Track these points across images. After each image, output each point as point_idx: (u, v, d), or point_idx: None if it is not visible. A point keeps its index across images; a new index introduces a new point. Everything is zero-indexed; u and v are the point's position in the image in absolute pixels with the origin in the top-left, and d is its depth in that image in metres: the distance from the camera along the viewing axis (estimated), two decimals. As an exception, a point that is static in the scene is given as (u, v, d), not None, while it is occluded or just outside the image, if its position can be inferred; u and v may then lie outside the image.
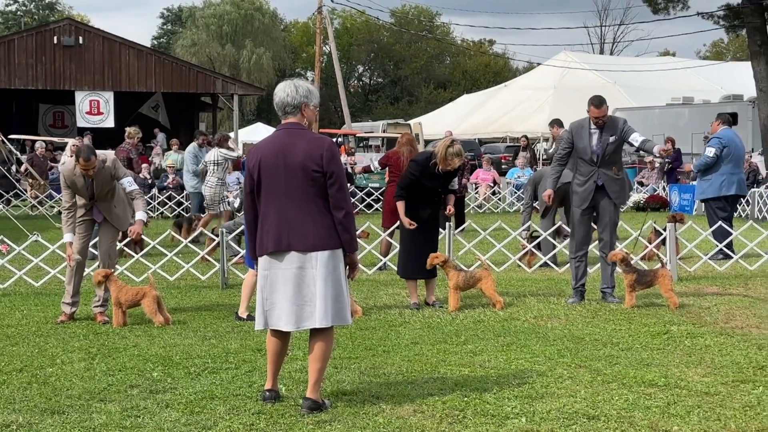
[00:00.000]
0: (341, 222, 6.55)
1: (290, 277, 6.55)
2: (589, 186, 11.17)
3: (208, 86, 40.63)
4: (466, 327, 9.75)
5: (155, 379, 7.58)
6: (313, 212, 6.54)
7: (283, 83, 6.75)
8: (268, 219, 6.62)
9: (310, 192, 6.53)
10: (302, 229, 6.53)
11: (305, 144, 6.56)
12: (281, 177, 6.55)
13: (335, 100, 72.76)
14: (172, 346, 8.90)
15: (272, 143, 6.69)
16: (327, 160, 6.51)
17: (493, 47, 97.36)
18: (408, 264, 11.17)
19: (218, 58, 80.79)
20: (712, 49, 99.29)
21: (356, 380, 7.43)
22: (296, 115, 6.65)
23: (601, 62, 63.47)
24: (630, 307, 10.69)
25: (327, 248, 6.53)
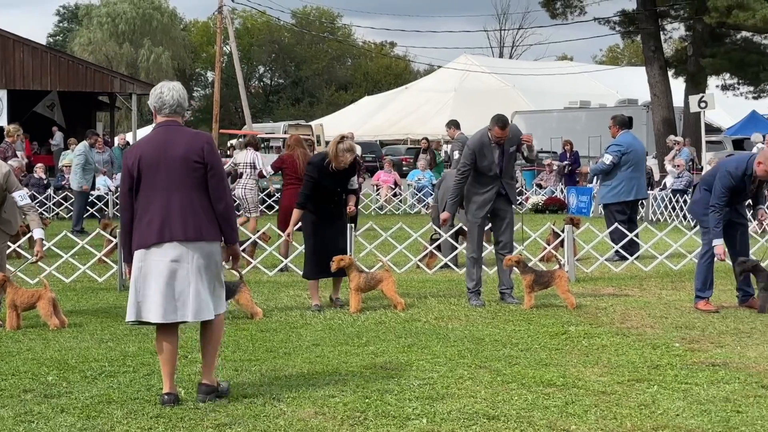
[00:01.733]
0: (221, 213, 6.78)
1: (164, 270, 6.67)
2: (490, 195, 11.31)
3: (105, 85, 39.96)
4: (367, 328, 9.75)
5: (50, 383, 7.40)
6: (193, 204, 6.72)
7: (169, 84, 7.01)
8: (149, 211, 6.72)
9: (191, 184, 6.72)
10: (183, 220, 6.68)
11: (186, 138, 6.80)
12: (163, 170, 6.70)
13: (236, 100, 72.27)
14: (67, 349, 8.72)
15: (153, 139, 6.86)
16: (207, 153, 6.75)
17: (395, 49, 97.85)
18: (313, 265, 11.13)
19: (116, 57, 79.60)
20: (608, 54, 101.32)
21: (257, 382, 7.36)
22: (177, 116, 6.92)
23: (501, 66, 64.36)
24: (529, 308, 10.82)
25: (206, 239, 6.72)
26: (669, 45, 41.80)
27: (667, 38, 39.41)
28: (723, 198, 10.43)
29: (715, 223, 10.44)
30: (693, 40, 35.46)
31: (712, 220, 10.44)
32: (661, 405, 6.67)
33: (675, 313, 10.51)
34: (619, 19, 38.34)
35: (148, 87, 47.87)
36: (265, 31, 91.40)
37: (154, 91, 6.92)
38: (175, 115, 6.91)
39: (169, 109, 6.88)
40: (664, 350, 8.52)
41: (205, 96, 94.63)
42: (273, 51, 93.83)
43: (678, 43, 40.53)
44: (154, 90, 6.94)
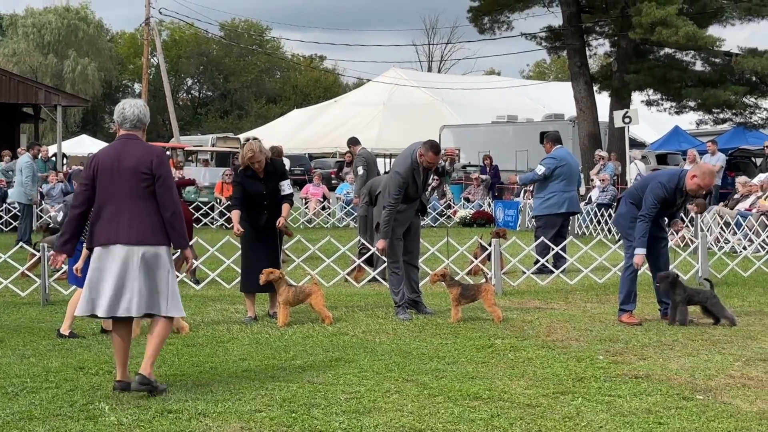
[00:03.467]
0: (169, 221, 7.36)
1: (115, 269, 7.29)
2: (410, 214, 11.53)
3: (29, 97, 39.34)
4: (294, 342, 9.72)
5: (-30, 400, 7.26)
6: (140, 211, 7.33)
7: (132, 101, 7.71)
8: (101, 215, 7.39)
9: (140, 193, 7.33)
10: (129, 225, 7.29)
11: (138, 150, 7.43)
12: (115, 178, 7.35)
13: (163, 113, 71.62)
14: (-12, 365, 8.56)
15: (110, 150, 7.60)
16: (156, 165, 7.36)
17: (324, 63, 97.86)
18: (249, 278, 11.08)
19: (40, 68, 78.52)
20: (535, 69, 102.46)
21: (182, 398, 7.28)
22: (137, 130, 7.58)
23: (429, 80, 64.65)
24: (455, 322, 10.87)
25: (150, 244, 7.33)
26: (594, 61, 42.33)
27: (593, 54, 39.85)
28: (653, 209, 10.60)
29: (642, 233, 10.58)
30: (617, 56, 35.98)
31: (640, 230, 10.58)
32: (585, 417, 6.75)
33: (599, 326, 10.64)
34: (546, 34, 38.76)
35: (74, 98, 47.48)
36: (193, 43, 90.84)
37: (118, 106, 7.60)
38: (135, 129, 7.55)
39: (130, 124, 7.54)
40: (589, 363, 8.62)
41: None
42: (201, 63, 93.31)
43: (603, 59, 41.04)
44: (118, 105, 7.63)
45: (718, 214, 20.21)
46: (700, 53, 34.57)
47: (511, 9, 38.05)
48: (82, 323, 10.66)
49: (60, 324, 10.24)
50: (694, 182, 10.55)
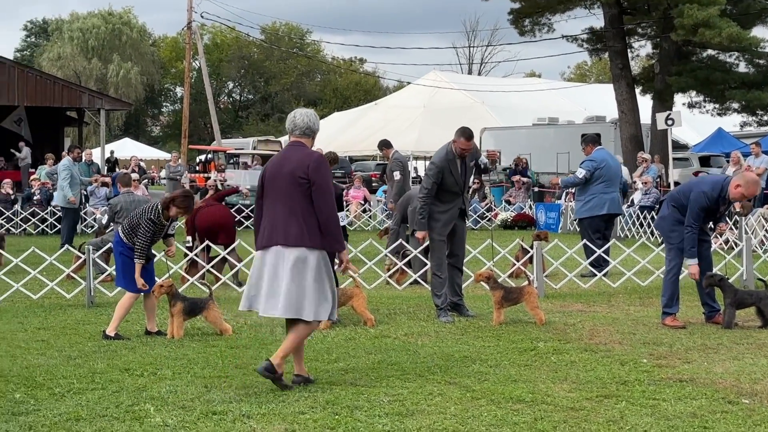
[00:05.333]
0: (324, 224, 7.61)
1: (271, 270, 7.62)
2: (453, 213, 11.51)
3: (73, 100, 39.72)
4: (337, 345, 9.75)
5: (17, 400, 7.35)
6: (297, 214, 7.60)
7: (303, 110, 8.07)
8: (264, 219, 7.79)
9: (297, 196, 7.62)
10: (285, 228, 7.58)
11: (299, 156, 7.74)
12: (276, 183, 7.74)
13: (205, 116, 72.11)
14: (35, 366, 8.66)
15: (278, 156, 8.03)
16: (313, 170, 7.62)
17: (364, 66, 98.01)
18: None
19: (84, 72, 79.31)
20: (576, 71, 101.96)
21: (226, 399, 7.34)
22: (308, 138, 7.90)
23: (470, 82, 64.52)
24: (497, 324, 10.86)
25: (303, 246, 7.56)
26: (636, 62, 42.21)
27: (635, 56, 39.67)
28: (699, 218, 10.54)
29: (692, 244, 10.54)
30: (660, 58, 35.76)
31: (689, 241, 10.53)
32: (629, 421, 6.72)
33: (643, 329, 10.58)
34: (587, 36, 38.64)
35: (117, 102, 47.86)
36: (234, 46, 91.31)
37: (290, 115, 8.03)
38: (304, 137, 7.88)
39: (299, 131, 7.88)
40: (632, 366, 8.58)
41: (174, 111, 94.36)
42: (242, 66, 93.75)
43: (645, 61, 40.85)
44: (290, 114, 8.05)
45: (762, 216, 20.02)
46: (744, 54, 34.29)
47: (552, 11, 37.94)
48: (127, 325, 10.76)
49: (105, 326, 10.36)
50: (738, 191, 10.46)
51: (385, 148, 17.70)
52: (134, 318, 11.27)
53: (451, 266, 11.70)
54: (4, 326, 10.99)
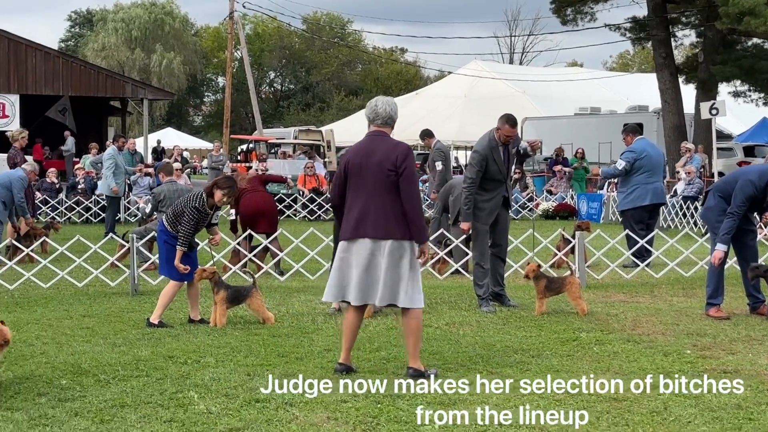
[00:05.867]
0: (410, 216, 7.64)
1: (362, 261, 7.66)
2: (497, 201, 11.45)
3: (117, 90, 40.03)
4: (378, 334, 9.77)
5: (64, 386, 7.45)
6: (386, 206, 7.64)
7: (384, 98, 8.03)
8: (351, 209, 7.79)
9: (385, 188, 7.64)
10: (376, 220, 7.63)
11: (385, 147, 7.74)
12: (363, 174, 7.72)
13: (247, 105, 72.42)
14: (80, 353, 8.76)
15: (360, 146, 7.95)
16: (401, 161, 7.64)
17: (405, 55, 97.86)
18: None
19: (128, 63, 79.86)
20: (618, 60, 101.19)
21: (269, 387, 7.38)
22: (387, 127, 7.89)
23: (511, 72, 64.24)
24: (539, 315, 10.84)
25: (395, 238, 7.61)
26: (680, 51, 41.75)
27: (678, 45, 39.30)
28: (743, 207, 10.43)
29: (728, 230, 10.42)
30: (704, 47, 35.41)
31: (726, 227, 10.42)
32: (672, 412, 6.68)
33: (686, 320, 10.51)
34: (630, 25, 38.32)
35: (159, 92, 48.13)
36: (275, 36, 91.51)
37: (371, 103, 7.99)
38: (385, 126, 7.89)
39: (381, 120, 7.88)
40: (676, 357, 8.53)
41: (216, 101, 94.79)
42: (283, 56, 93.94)
43: (689, 50, 40.43)
44: (370, 102, 8.02)
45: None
46: (790, 43, 33.86)
47: (594, 0, 37.67)
48: (170, 314, 10.85)
49: (148, 313, 10.44)
50: None
51: (427, 137, 17.68)
52: (177, 306, 11.36)
53: (494, 256, 11.67)
54: (50, 313, 11.12)
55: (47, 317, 10.84)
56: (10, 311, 11.14)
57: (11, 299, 12.03)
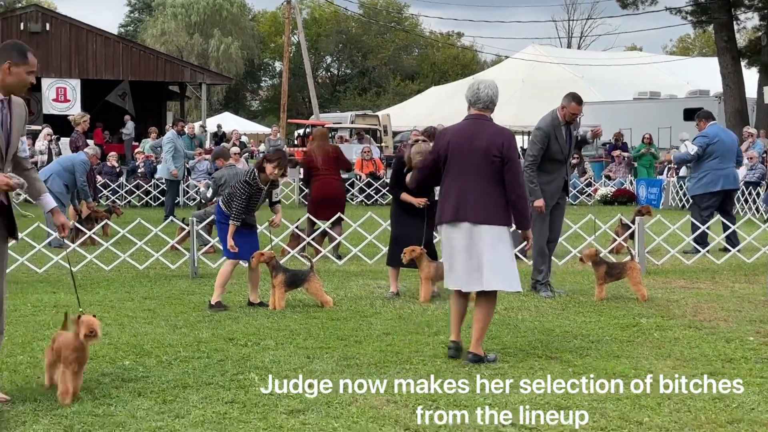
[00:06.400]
0: (514, 202, 7.67)
1: (463, 246, 7.69)
2: (558, 184, 11.30)
3: (176, 75, 40.33)
4: (437, 318, 9.78)
5: (127, 367, 7.55)
6: (488, 191, 7.63)
7: (486, 81, 7.95)
8: (450, 193, 7.79)
9: (488, 173, 7.62)
10: (476, 205, 7.63)
11: (489, 133, 7.70)
12: (465, 158, 7.70)
13: (303, 90, 72.64)
14: (142, 334, 8.87)
15: (462, 129, 7.89)
16: (506, 149, 7.63)
17: (462, 40, 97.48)
18: (395, 253, 11.16)
19: (186, 48, 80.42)
20: (678, 44, 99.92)
21: (329, 370, 7.43)
22: (488, 111, 7.83)
23: (569, 56, 63.72)
24: (599, 300, 10.77)
25: (494, 223, 7.62)
26: (742, 35, 41.14)
27: (741, 28, 38.72)
28: None
29: None
30: (767, 30, 34.83)
31: None
32: (735, 399, 6.61)
33: (749, 307, 10.38)
34: (692, 8, 37.83)
35: (217, 77, 48.44)
36: (332, 21, 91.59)
37: (472, 86, 7.89)
38: (486, 110, 7.83)
39: (482, 104, 7.81)
40: (738, 344, 8.43)
41: (272, 86, 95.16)
42: (340, 41, 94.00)
43: (751, 33, 39.83)
44: (471, 85, 7.91)
45: None
46: None
47: (656, -17, 37.25)
48: (230, 297, 10.94)
49: (208, 296, 10.56)
50: None
51: None
52: (237, 289, 11.46)
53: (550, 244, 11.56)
54: (112, 295, 11.27)
55: (109, 299, 10.98)
56: (73, 293, 11.28)
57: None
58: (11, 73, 6.09)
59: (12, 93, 6.25)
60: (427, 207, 10.95)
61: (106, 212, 17.90)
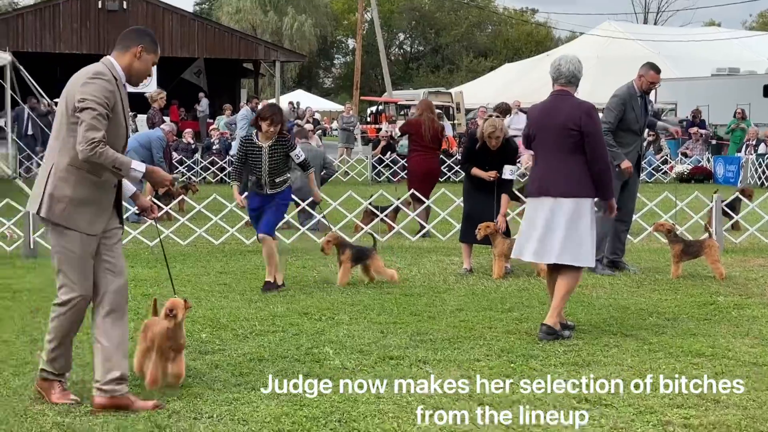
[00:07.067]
0: (596, 174, 7.70)
1: (544, 219, 7.76)
2: (632, 157, 11.08)
3: (250, 52, 40.59)
4: (511, 294, 9.75)
5: (204, 340, 7.66)
6: (569, 165, 7.69)
7: (567, 57, 8.02)
8: (534, 169, 7.98)
9: (568, 147, 7.69)
10: (558, 179, 7.70)
11: (568, 107, 7.76)
12: (546, 133, 7.81)
13: (376, 68, 72.61)
14: (218, 308, 8.98)
15: (545, 106, 8.03)
16: (584, 122, 7.67)
17: (535, 16, 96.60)
18: (468, 229, 11.14)
19: (261, 25, 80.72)
20: (758, 19, 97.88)
21: (403, 345, 7.46)
22: (571, 86, 7.89)
23: (645, 32, 62.78)
24: (675, 278, 10.65)
25: (576, 196, 7.67)
26: (824, 9, 40.13)
27: (823, 2, 37.80)
28: None
29: None
30: None
31: None
32: (816, 377, 6.50)
33: (829, 286, 10.19)
34: (772, -18, 37.01)
35: (291, 54, 48.59)
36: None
37: (554, 62, 7.99)
38: (568, 85, 7.90)
39: (564, 80, 7.89)
40: (819, 323, 8.29)
41: (345, 63, 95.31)
42: (413, 18, 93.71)
43: (834, 8, 38.87)
44: (554, 61, 8.00)
45: None
46: None
47: (735, -44, 36.49)
48: (303, 272, 11.01)
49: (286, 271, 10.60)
50: None
51: None
52: (310, 264, 11.55)
53: (618, 220, 10.88)
54: (189, 269, 11.42)
55: (186, 273, 11.13)
56: (150, 266, 11.48)
57: (151, 255, 12.38)
58: (140, 58, 5.95)
59: (132, 78, 6.07)
60: (497, 182, 10.91)
61: (183, 188, 18.12)
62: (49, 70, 40.12)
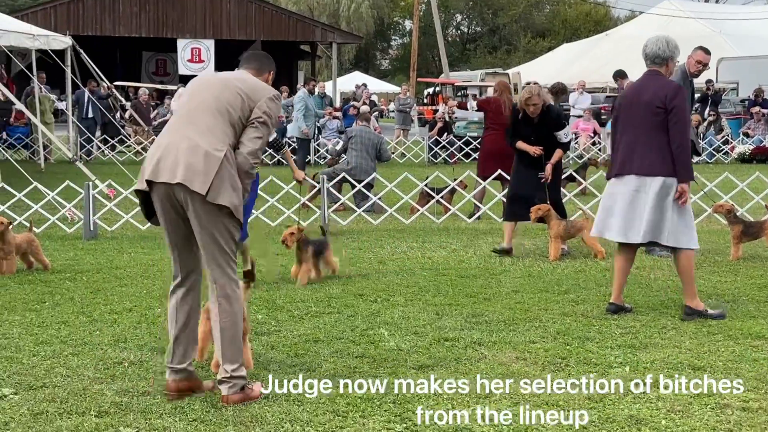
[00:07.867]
0: (676, 152, 7.63)
1: (627, 197, 7.77)
2: None
3: (307, 34, 40.71)
4: (567, 276, 9.69)
5: (260, 321, 7.71)
6: (653, 143, 7.69)
7: (656, 37, 8.03)
8: (618, 146, 7.98)
9: (653, 125, 7.69)
10: (642, 157, 7.71)
11: (655, 85, 7.79)
12: (632, 112, 7.85)
13: (433, 49, 72.37)
14: (274, 289, 9.04)
15: (635, 85, 8.26)
16: (669, 100, 7.65)
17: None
18: (512, 209, 11.12)
19: (318, 7, 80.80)
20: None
21: (458, 326, 7.45)
22: (661, 66, 7.89)
23: (707, 10, 61.95)
24: (735, 260, 10.51)
25: (660, 174, 7.64)
26: None
27: None
28: None
29: None
30: None
31: None
32: None
33: None
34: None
35: (348, 36, 48.64)
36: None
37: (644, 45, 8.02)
38: (655, 65, 7.90)
39: (650, 60, 7.94)
40: None
41: (402, 45, 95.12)
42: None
43: None
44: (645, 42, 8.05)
45: None
46: None
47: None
48: (359, 253, 11.02)
49: (339, 253, 10.61)
50: None
51: (620, 78, 17.29)
52: (367, 246, 11.57)
53: None
54: (245, 251, 11.47)
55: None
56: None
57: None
58: (268, 82, 6.23)
59: None
60: (543, 157, 10.87)
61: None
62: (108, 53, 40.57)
